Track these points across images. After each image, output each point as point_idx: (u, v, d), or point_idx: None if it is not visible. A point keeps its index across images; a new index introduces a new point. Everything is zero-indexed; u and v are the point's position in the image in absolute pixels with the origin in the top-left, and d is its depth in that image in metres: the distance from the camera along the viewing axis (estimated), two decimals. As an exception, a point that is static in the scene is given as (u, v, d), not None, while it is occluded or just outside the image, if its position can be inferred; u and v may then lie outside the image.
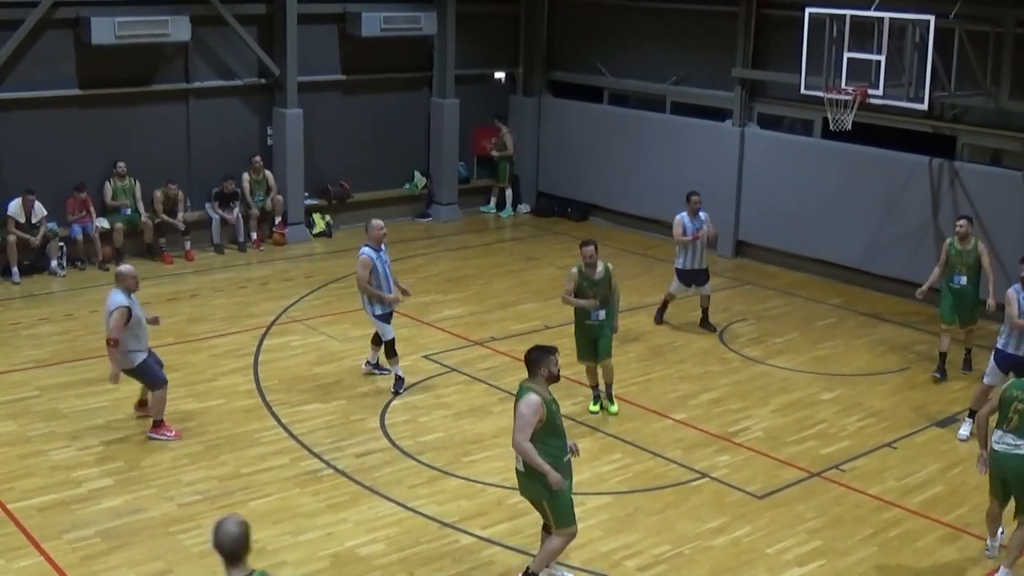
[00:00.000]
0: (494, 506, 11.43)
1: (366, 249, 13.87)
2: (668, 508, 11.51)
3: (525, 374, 14.63)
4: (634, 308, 17.71)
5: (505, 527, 10.98)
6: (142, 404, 13.31)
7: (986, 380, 12.90)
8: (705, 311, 17.09)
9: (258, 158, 21.01)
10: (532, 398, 9.23)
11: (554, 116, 24.13)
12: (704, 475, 12.22)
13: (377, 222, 14.08)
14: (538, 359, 9.41)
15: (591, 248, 13.46)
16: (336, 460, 12.31)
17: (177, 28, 19.47)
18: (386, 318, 14.14)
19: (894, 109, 16.88)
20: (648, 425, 13.53)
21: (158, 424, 12.83)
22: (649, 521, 11.23)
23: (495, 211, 24.17)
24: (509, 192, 24.13)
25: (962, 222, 14.87)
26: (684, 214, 16.62)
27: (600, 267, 13.43)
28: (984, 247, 14.90)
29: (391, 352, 14.20)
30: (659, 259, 20.61)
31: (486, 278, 19.21)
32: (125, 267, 12.84)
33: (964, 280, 14.78)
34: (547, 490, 9.29)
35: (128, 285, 12.55)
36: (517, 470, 9.53)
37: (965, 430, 13.17)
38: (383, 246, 14.06)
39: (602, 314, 13.41)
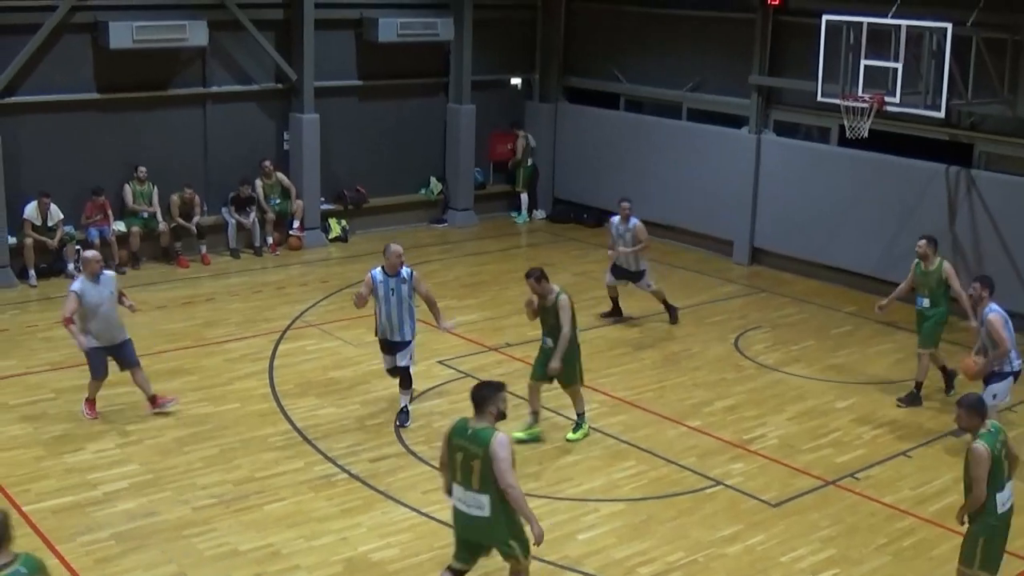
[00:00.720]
0: (508, 512, 11.41)
1: (375, 270, 13.11)
2: (682, 515, 11.49)
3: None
4: (648, 316, 17.72)
5: (519, 533, 10.97)
6: (151, 400, 13.53)
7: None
8: (663, 302, 17.51)
9: (268, 162, 21.05)
10: (503, 437, 8.57)
11: (570, 122, 24.13)
12: (718, 483, 12.20)
13: (395, 248, 13.16)
14: (488, 396, 8.78)
15: (531, 280, 12.73)
16: (350, 465, 12.33)
17: (195, 33, 19.53)
18: (381, 346, 13.37)
19: (911, 117, 16.87)
20: (662, 432, 13.51)
21: (88, 401, 13.42)
22: (663, 528, 11.21)
23: (526, 218, 24.34)
24: (525, 197, 24.14)
25: (921, 242, 14.43)
26: (616, 218, 17.26)
27: (553, 296, 12.69)
28: (949, 268, 14.30)
29: (401, 383, 13.52)
30: (675, 265, 20.64)
31: (501, 284, 19.22)
32: (88, 252, 13.33)
33: (926, 303, 14.35)
34: (514, 535, 8.79)
35: (92, 269, 12.94)
36: (473, 515, 8.70)
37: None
38: (403, 273, 13.04)
39: (549, 341, 12.83)
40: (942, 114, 16.16)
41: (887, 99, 16.22)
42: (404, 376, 13.37)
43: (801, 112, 20.16)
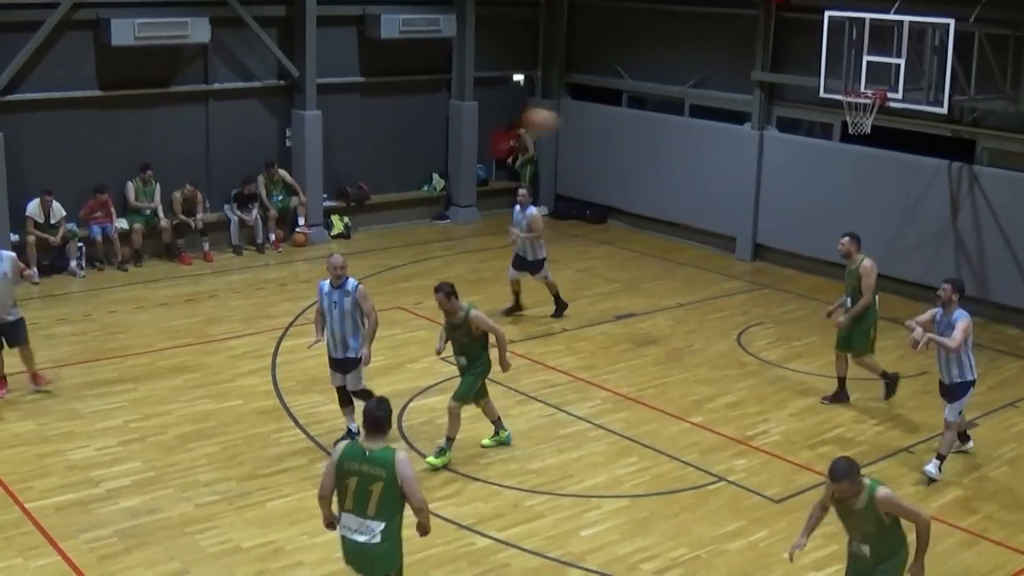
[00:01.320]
0: (510, 508, 11.43)
1: (323, 281, 12.36)
2: (685, 511, 11.49)
3: (542, 375, 14.74)
4: (651, 312, 17.74)
5: (521, 529, 10.99)
6: (33, 377, 14.06)
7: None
8: (555, 295, 17.53)
9: (274, 167, 21.11)
10: (404, 454, 8.16)
11: (573, 118, 24.06)
12: (721, 479, 12.20)
13: (333, 258, 12.24)
14: (386, 417, 8.27)
15: (439, 295, 12.14)
16: (352, 461, 12.33)
17: (197, 30, 19.53)
18: (330, 361, 12.67)
19: (913, 113, 16.85)
20: (665, 428, 13.51)
21: None
22: (666, 524, 11.22)
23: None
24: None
25: (843, 239, 14.04)
26: (517, 207, 17.35)
27: (462, 313, 12.16)
28: (869, 265, 13.84)
29: (341, 400, 12.86)
30: (678, 262, 20.64)
31: (503, 281, 19.13)
32: None
33: (849, 302, 14.01)
34: (400, 563, 8.46)
35: None
36: (366, 543, 8.16)
37: (932, 467, 12.35)
38: (347, 285, 12.17)
39: (463, 359, 12.37)
40: (945, 110, 16.15)
41: (890, 95, 16.20)
42: (358, 396, 12.58)
43: (804, 108, 20.15)
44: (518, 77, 24.57)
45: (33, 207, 18.63)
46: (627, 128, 23.02)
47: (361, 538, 8.14)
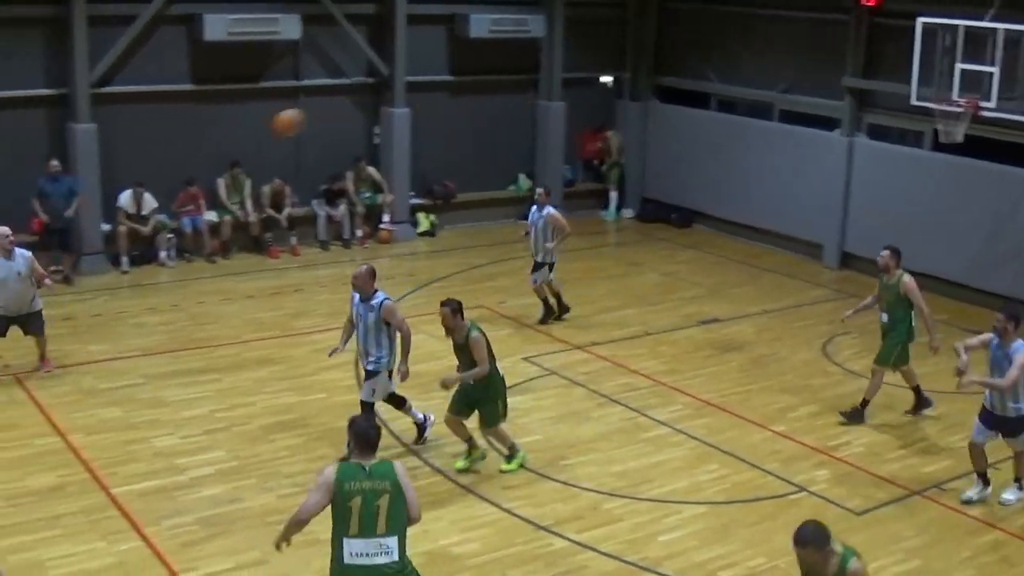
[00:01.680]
0: (589, 511, 11.42)
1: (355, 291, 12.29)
2: (765, 520, 11.40)
3: (624, 378, 14.69)
4: (736, 317, 17.62)
5: (600, 532, 10.97)
6: (41, 358, 14.61)
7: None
8: (542, 299, 17.12)
9: (362, 163, 21.27)
10: (401, 464, 8.04)
11: (661, 121, 24.03)
12: (802, 489, 12.08)
13: (358, 270, 12.20)
14: (377, 432, 8.07)
15: (445, 310, 11.89)
16: (433, 458, 12.41)
17: (288, 26, 19.76)
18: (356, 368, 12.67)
19: (1007, 122, 16.56)
20: (747, 436, 13.41)
21: None
22: (745, 532, 11.14)
23: (615, 215, 24.33)
24: (615, 195, 24.11)
25: (883, 252, 13.70)
26: (535, 206, 17.09)
27: (464, 331, 11.89)
28: (910, 282, 13.52)
29: (395, 405, 12.80)
30: (763, 268, 20.48)
31: (588, 282, 19.19)
32: (1, 229, 13.99)
33: (885, 317, 13.74)
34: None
35: (2, 246, 13.89)
36: (385, 566, 7.73)
37: (974, 492, 11.98)
38: (374, 300, 12.12)
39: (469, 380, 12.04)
40: (1040, 120, 15.89)
41: (983, 104, 15.95)
42: (394, 403, 12.64)
43: (894, 115, 19.88)
44: (606, 79, 24.51)
45: (125, 198, 18.96)
46: (715, 132, 22.89)
47: (380, 560, 7.67)
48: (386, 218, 21.43)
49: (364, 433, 7.93)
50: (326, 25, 20.69)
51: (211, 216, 19.85)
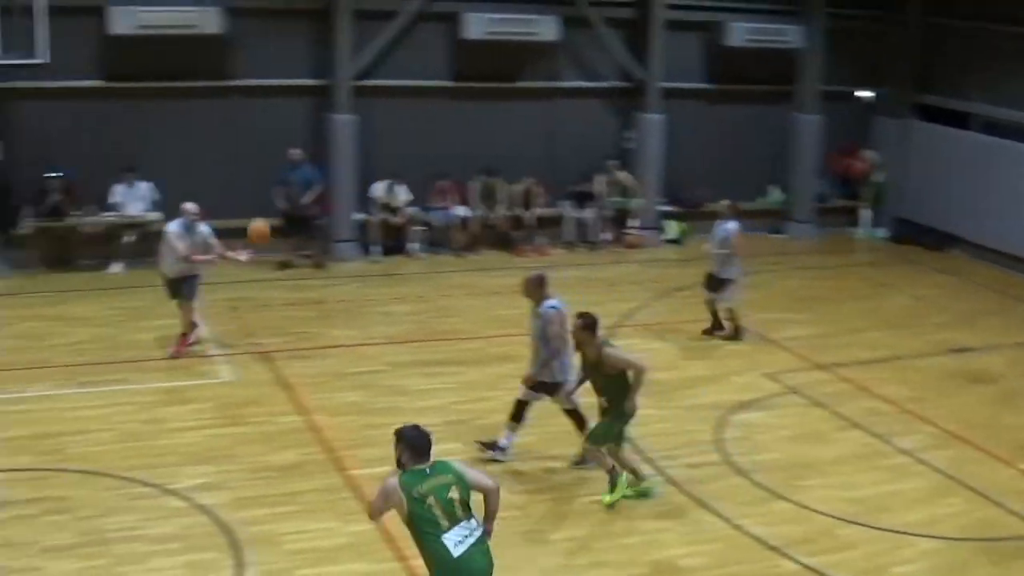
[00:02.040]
0: (822, 535, 11.09)
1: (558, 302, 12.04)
2: (1004, 561, 10.82)
3: (867, 402, 14.22)
4: (987, 348, 16.86)
5: (831, 558, 10.63)
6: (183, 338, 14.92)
7: None
8: (723, 320, 16.59)
9: (613, 163, 21.26)
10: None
11: (919, 140, 23.25)
12: (1051, 532, 11.47)
13: (529, 276, 12.22)
14: (430, 441, 8.16)
15: (576, 323, 11.53)
16: (667, 468, 12.27)
17: (545, 28, 19.99)
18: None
19: None
20: (993, 471, 12.77)
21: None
22: (982, 573, 10.61)
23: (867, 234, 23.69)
24: (868, 213, 23.47)
25: None
26: (718, 220, 16.77)
27: (595, 348, 11.43)
28: None
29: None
30: (1020, 299, 19.54)
31: (835, 301, 18.71)
32: (187, 204, 14.50)
33: None
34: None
35: (188, 217, 14.39)
36: (482, 543, 8.00)
37: None
38: (542, 308, 11.98)
39: (604, 400, 11.53)
40: None
41: None
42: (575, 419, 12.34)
43: None
44: (863, 94, 23.83)
45: (379, 189, 19.47)
46: (977, 154, 21.99)
47: (477, 535, 7.94)
48: (635, 223, 21.38)
49: (415, 440, 8.14)
50: (583, 28, 20.80)
51: (462, 211, 20.17)
